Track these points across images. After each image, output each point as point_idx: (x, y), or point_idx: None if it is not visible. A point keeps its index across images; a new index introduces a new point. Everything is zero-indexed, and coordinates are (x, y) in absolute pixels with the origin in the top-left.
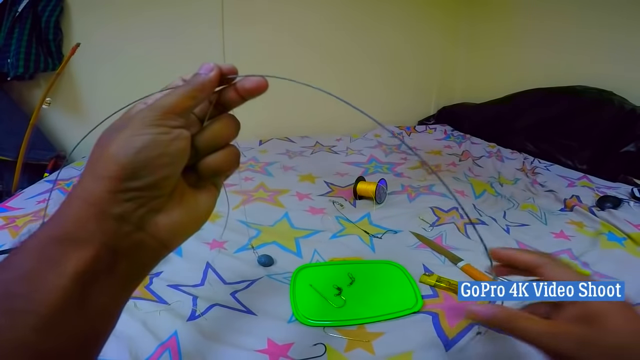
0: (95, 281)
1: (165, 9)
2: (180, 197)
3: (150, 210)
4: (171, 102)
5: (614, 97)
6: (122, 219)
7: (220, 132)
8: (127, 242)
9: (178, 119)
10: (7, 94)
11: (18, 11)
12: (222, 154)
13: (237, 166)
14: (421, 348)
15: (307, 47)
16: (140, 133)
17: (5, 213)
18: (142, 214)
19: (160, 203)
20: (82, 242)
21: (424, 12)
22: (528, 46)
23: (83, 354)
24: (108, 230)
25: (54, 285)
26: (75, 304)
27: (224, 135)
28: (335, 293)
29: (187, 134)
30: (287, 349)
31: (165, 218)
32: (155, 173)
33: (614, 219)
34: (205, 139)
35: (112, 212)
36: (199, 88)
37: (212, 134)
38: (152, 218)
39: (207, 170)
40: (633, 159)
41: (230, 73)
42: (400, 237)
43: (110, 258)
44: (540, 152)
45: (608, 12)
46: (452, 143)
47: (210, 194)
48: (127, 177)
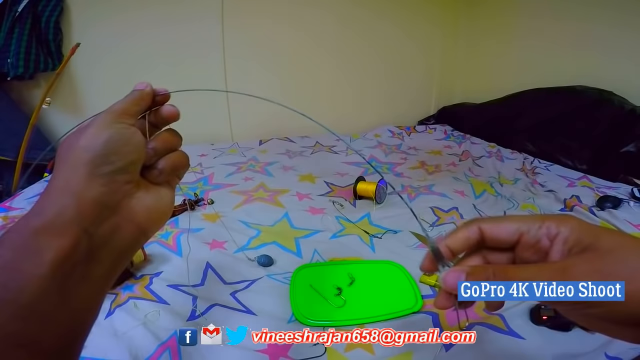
0: (74, 270)
1: (165, 9)
2: (147, 188)
3: (124, 195)
4: (123, 107)
5: (614, 97)
6: (99, 203)
7: (168, 139)
8: (105, 227)
9: (130, 119)
10: (7, 94)
11: (18, 11)
12: (176, 155)
13: (188, 167)
14: (421, 348)
15: (306, 48)
16: (106, 127)
17: (5, 213)
18: (118, 198)
19: (132, 189)
20: (60, 231)
21: (423, 12)
22: (528, 46)
23: (65, 344)
24: (87, 215)
25: (32, 274)
26: (55, 293)
27: (172, 142)
28: (335, 293)
29: (139, 131)
30: (287, 349)
31: (139, 202)
32: (123, 158)
33: (614, 219)
34: (159, 143)
35: (90, 197)
36: (138, 97)
37: (163, 139)
38: (127, 202)
39: (167, 165)
40: (633, 159)
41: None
42: (400, 237)
43: (89, 245)
44: (540, 152)
45: (608, 12)
46: (452, 143)
47: (170, 190)
48: (100, 162)
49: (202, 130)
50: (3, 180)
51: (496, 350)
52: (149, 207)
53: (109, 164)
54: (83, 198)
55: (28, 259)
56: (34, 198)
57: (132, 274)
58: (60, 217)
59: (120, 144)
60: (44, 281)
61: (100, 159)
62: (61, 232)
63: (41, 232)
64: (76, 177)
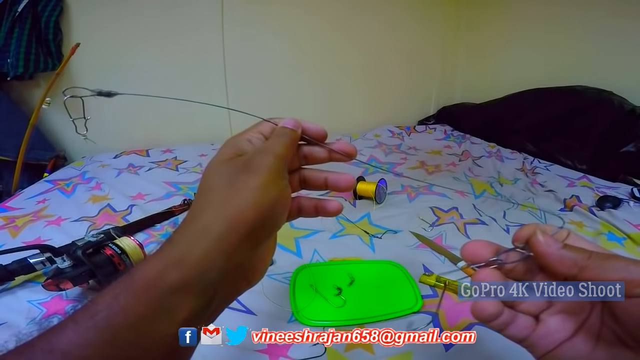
0: (196, 324)
1: (165, 9)
2: (271, 243)
3: (257, 259)
4: (285, 152)
5: (614, 97)
6: (239, 267)
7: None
8: (232, 287)
9: (286, 170)
10: (7, 94)
11: (18, 11)
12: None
13: None
14: (421, 348)
15: (306, 48)
16: (275, 181)
17: (5, 213)
18: (253, 262)
19: (263, 252)
20: (199, 292)
21: (423, 12)
22: (528, 46)
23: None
24: (226, 279)
25: (163, 334)
26: (176, 351)
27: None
28: (335, 293)
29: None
30: (287, 349)
31: (261, 264)
32: (276, 225)
33: (614, 219)
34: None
35: (236, 261)
36: (293, 141)
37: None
38: (254, 265)
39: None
40: (633, 159)
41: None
42: (400, 237)
43: (217, 304)
44: (540, 152)
45: (608, 12)
46: (452, 143)
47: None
48: (259, 226)
49: (202, 131)
50: (3, 180)
51: (496, 350)
52: (262, 268)
53: (264, 229)
54: (231, 262)
55: (161, 319)
56: (33, 198)
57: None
58: (203, 280)
59: (280, 208)
60: (171, 341)
61: (261, 224)
62: (199, 293)
63: (179, 290)
64: (234, 237)
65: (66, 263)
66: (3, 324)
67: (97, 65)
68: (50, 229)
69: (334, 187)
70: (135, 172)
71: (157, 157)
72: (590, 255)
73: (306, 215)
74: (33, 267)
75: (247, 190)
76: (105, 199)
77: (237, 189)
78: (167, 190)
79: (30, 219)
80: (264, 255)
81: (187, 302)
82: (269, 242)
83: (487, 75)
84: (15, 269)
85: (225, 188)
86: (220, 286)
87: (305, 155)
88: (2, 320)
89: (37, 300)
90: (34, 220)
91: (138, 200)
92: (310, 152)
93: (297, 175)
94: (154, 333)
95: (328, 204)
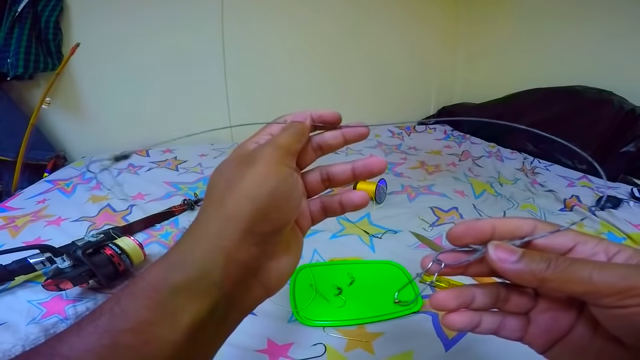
0: (203, 333)
1: (165, 9)
2: (286, 248)
3: (267, 258)
4: (288, 142)
5: (614, 97)
6: (245, 266)
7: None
8: (241, 289)
9: (293, 161)
10: (7, 94)
11: (18, 11)
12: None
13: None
14: (421, 348)
15: (306, 48)
16: (274, 170)
17: (5, 213)
18: (262, 261)
19: (275, 249)
20: (202, 293)
21: (423, 12)
22: (528, 46)
23: None
24: (231, 278)
25: (166, 340)
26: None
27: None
28: (335, 293)
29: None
30: (287, 349)
31: (276, 265)
32: (281, 217)
33: (614, 219)
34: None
35: (239, 259)
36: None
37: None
38: (266, 265)
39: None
40: (633, 159)
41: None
42: (400, 237)
43: (223, 308)
44: (540, 152)
45: (608, 12)
46: (452, 143)
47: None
48: (259, 219)
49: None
50: (3, 180)
51: (496, 350)
52: (284, 268)
53: (267, 222)
54: (233, 260)
55: (164, 322)
56: (33, 198)
57: (132, 274)
58: (205, 279)
59: (284, 196)
60: (176, 346)
61: (262, 215)
62: (202, 294)
63: (181, 291)
64: (231, 232)
65: (66, 263)
66: (3, 324)
67: (97, 65)
68: (50, 229)
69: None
70: (135, 172)
71: (157, 157)
72: (549, 266)
73: (332, 214)
74: (33, 267)
75: (242, 181)
76: (105, 199)
77: (233, 183)
78: (167, 190)
79: (30, 219)
80: (278, 255)
81: (190, 304)
82: (279, 238)
83: (487, 75)
84: (15, 269)
85: (223, 186)
86: (226, 288)
87: (320, 145)
88: (2, 320)
89: (37, 300)
90: (34, 220)
91: (138, 200)
92: (323, 140)
93: (317, 173)
94: (156, 338)
95: (353, 195)
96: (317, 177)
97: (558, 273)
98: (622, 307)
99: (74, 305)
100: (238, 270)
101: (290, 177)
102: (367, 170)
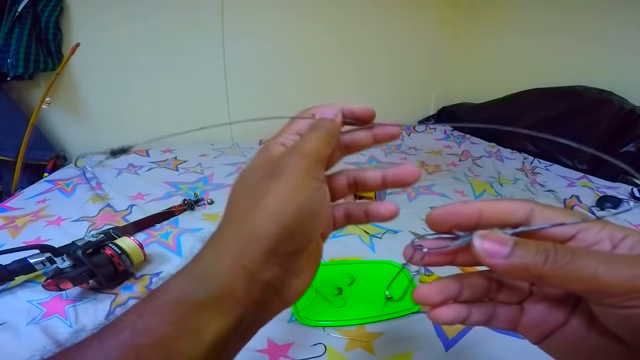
0: (225, 348)
1: (165, 9)
2: (309, 255)
3: (290, 276)
4: (318, 148)
5: (614, 97)
6: (268, 285)
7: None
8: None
9: (322, 169)
10: (7, 94)
11: (18, 11)
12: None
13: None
14: (421, 348)
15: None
16: (300, 186)
17: (5, 213)
18: (285, 280)
19: (298, 266)
20: (225, 310)
21: (422, 12)
22: (528, 46)
23: None
24: (254, 297)
25: (189, 355)
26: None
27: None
28: (335, 293)
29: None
30: (287, 349)
31: (298, 281)
32: (307, 237)
33: (614, 219)
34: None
35: (262, 278)
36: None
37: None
38: (288, 282)
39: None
40: (633, 159)
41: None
42: (401, 237)
43: (246, 324)
44: (540, 152)
45: (608, 11)
46: (452, 143)
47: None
48: (283, 239)
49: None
50: (3, 180)
51: (496, 350)
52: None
53: (292, 242)
54: (257, 280)
55: (187, 339)
56: (33, 198)
57: (132, 274)
58: (229, 298)
59: (311, 216)
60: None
61: (288, 235)
62: (226, 311)
63: (205, 308)
64: (254, 252)
65: (66, 263)
66: (3, 324)
67: (97, 65)
68: (50, 229)
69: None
70: (135, 172)
71: (157, 157)
72: (546, 260)
73: (356, 222)
74: (33, 267)
75: (267, 198)
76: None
77: (257, 199)
78: (167, 190)
79: (30, 219)
80: (300, 271)
81: (214, 320)
82: (302, 256)
83: (487, 75)
84: (15, 269)
85: (247, 200)
86: (249, 306)
87: (347, 145)
88: (2, 320)
89: (37, 300)
90: (34, 220)
91: (138, 200)
92: (352, 139)
93: (344, 178)
94: (179, 354)
95: (382, 207)
96: (343, 182)
97: (558, 269)
98: (627, 307)
99: (74, 305)
100: (261, 289)
101: (318, 192)
102: (399, 180)
